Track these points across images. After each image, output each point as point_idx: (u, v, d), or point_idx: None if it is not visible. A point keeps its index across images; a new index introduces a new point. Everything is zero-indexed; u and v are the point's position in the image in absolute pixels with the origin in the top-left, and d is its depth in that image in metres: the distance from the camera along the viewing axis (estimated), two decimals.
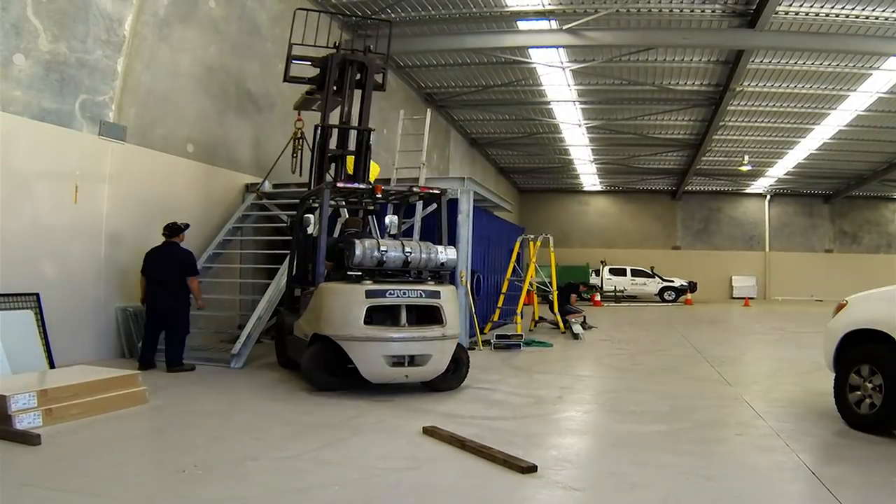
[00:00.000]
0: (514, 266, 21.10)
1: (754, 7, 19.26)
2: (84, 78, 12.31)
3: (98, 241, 12.82)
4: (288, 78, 14.73)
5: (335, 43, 14.88)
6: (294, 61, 14.55)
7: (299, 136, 17.01)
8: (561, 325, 21.02)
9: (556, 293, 22.02)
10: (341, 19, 21.08)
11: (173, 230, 12.39)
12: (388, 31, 15.63)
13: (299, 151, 16.97)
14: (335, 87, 14.42)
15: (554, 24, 20.91)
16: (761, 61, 23.75)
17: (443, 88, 29.84)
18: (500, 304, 20.48)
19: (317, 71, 14.67)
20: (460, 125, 36.19)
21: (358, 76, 14.62)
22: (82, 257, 12.57)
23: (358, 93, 14.66)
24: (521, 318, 19.95)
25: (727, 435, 8.60)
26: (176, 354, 12.13)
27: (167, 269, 12.15)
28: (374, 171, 16.21)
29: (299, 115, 16.86)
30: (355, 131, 14.57)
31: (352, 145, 14.67)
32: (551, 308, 21.91)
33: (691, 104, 29.33)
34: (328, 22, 20.48)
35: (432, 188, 12.20)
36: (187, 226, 12.67)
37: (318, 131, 14.07)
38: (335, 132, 14.45)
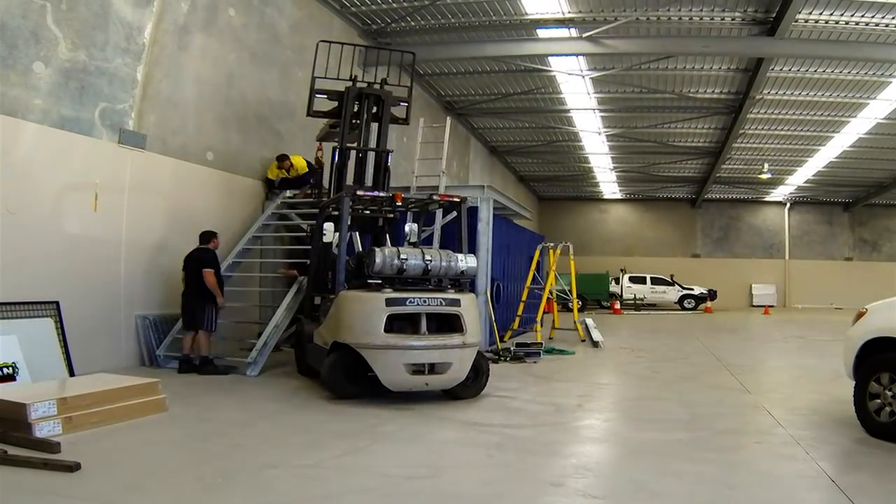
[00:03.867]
0: (534, 274, 20.97)
1: (774, 15, 19.12)
2: (104, 86, 12.28)
3: (118, 248, 12.79)
4: (311, 113, 14.76)
5: (353, 76, 14.86)
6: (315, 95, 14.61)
7: (318, 167, 17.05)
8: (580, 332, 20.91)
9: (575, 301, 21.92)
10: (360, 27, 21.12)
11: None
12: (412, 61, 15.53)
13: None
14: (354, 120, 14.46)
15: (574, 32, 20.81)
16: (781, 69, 23.54)
17: (463, 96, 29.75)
18: (519, 312, 20.24)
19: (335, 104, 14.69)
20: (480, 133, 36.13)
21: (375, 109, 14.61)
22: (102, 265, 12.52)
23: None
24: (542, 326, 19.85)
25: (747, 443, 8.51)
26: None
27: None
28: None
29: (320, 145, 16.89)
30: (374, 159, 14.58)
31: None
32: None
33: (711, 112, 29.17)
34: (348, 31, 20.66)
35: (452, 196, 12.13)
36: None
37: (336, 153, 14.08)
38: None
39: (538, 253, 21.18)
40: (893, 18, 18.85)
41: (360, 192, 11.95)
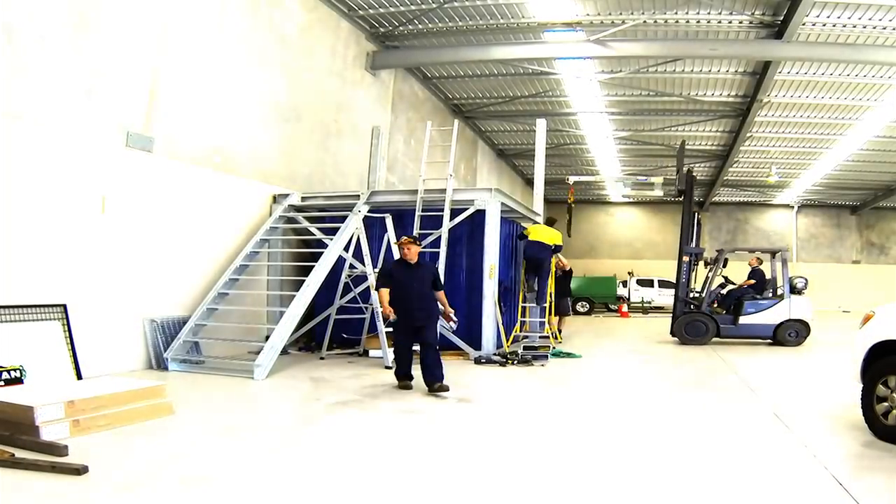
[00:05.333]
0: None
1: (781, 18, 19.07)
2: (112, 88, 12.29)
3: (125, 251, 12.77)
4: None
5: None
6: None
7: None
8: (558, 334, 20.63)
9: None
10: (368, 31, 21.14)
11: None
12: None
13: None
14: None
15: (581, 35, 20.74)
16: (788, 72, 23.45)
17: (470, 99, 29.72)
18: (521, 317, 19.60)
19: None
20: (487, 136, 36.10)
21: None
22: (110, 268, 12.49)
23: None
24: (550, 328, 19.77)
25: (754, 446, 8.45)
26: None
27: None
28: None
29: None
30: None
31: None
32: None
33: (719, 115, 29.07)
34: (356, 34, 20.69)
35: None
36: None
37: None
38: None
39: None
40: None
41: None
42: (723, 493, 6.49)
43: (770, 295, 22.03)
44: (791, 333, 21.11)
